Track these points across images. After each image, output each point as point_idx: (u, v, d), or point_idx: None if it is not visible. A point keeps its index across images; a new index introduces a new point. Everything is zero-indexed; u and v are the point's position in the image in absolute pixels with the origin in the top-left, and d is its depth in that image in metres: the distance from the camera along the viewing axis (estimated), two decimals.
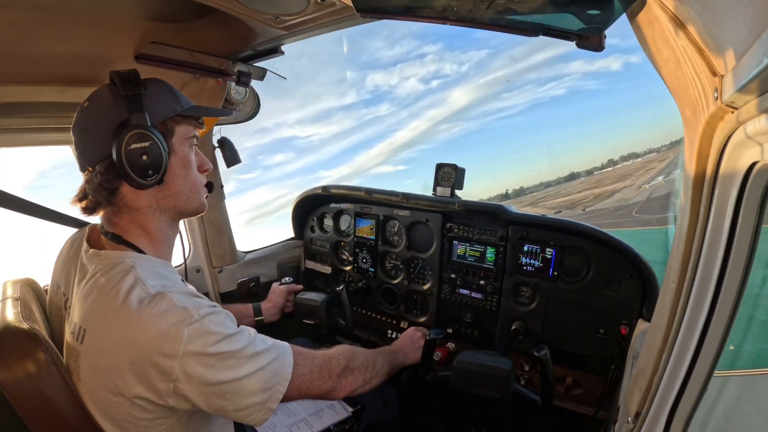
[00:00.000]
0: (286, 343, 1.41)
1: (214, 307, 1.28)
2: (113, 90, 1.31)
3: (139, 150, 1.28)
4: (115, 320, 1.17)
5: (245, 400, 1.25)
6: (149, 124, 1.32)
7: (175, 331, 1.14)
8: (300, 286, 2.62)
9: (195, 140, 1.52)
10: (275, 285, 2.62)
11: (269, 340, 1.37)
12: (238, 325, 1.31)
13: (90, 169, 1.32)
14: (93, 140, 1.31)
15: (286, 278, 2.65)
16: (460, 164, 2.60)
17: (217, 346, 1.19)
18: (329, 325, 2.45)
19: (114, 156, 1.27)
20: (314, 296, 2.45)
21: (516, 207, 2.52)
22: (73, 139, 1.35)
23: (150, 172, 1.32)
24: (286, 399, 1.34)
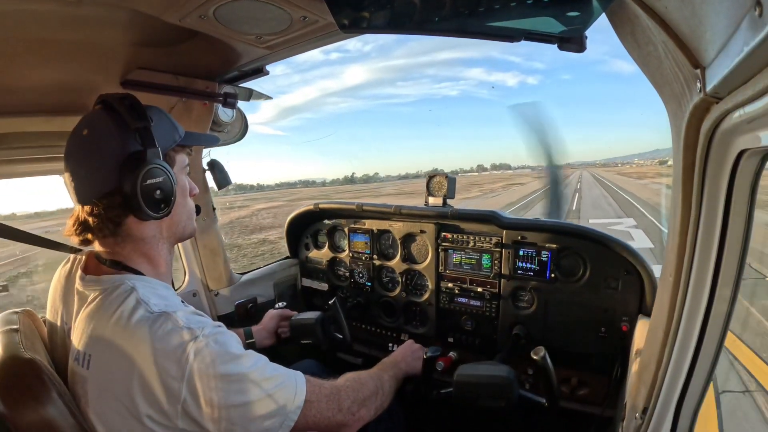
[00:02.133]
0: (299, 372, 1.39)
1: (219, 326, 1.26)
2: (117, 119, 1.27)
3: (154, 186, 1.28)
4: (120, 342, 1.16)
5: (255, 426, 1.22)
6: (162, 159, 1.31)
7: (180, 352, 1.13)
8: (294, 312, 2.56)
9: (188, 168, 1.53)
10: (270, 310, 2.58)
11: (280, 367, 1.34)
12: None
13: (95, 202, 1.27)
14: (98, 173, 1.27)
15: (280, 303, 2.62)
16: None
17: (224, 368, 1.17)
18: (327, 341, 2.43)
19: (127, 191, 1.24)
20: (309, 315, 2.42)
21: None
22: (68, 169, 1.30)
23: (162, 206, 1.32)
24: (296, 428, 1.30)
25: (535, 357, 1.73)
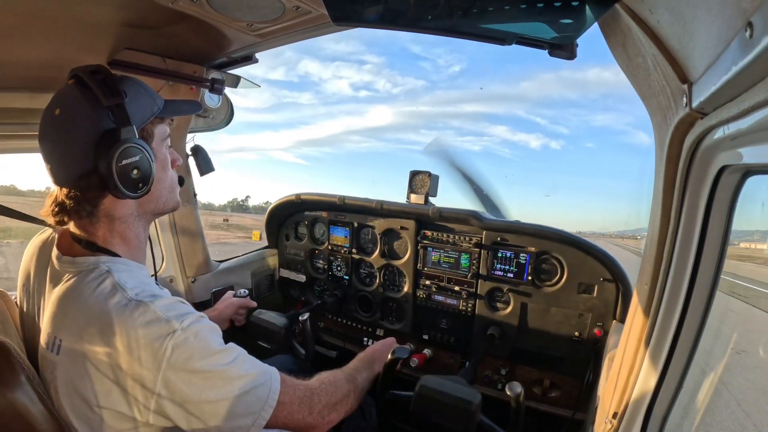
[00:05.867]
0: (274, 368, 1.36)
1: (201, 317, 1.23)
2: (88, 96, 1.22)
3: (130, 165, 1.24)
4: (94, 330, 1.12)
5: (227, 423, 1.20)
6: (137, 137, 1.27)
7: (158, 345, 1.10)
8: (254, 303, 2.52)
9: (170, 139, 1.48)
10: (228, 293, 2.54)
11: (257, 363, 1.32)
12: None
13: (72, 184, 1.24)
14: (72, 154, 1.23)
15: (242, 291, 2.57)
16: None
17: (201, 363, 1.15)
18: (287, 352, 2.42)
19: (102, 171, 1.21)
20: (274, 318, 2.37)
21: None
22: (43, 150, 1.26)
23: (140, 185, 1.28)
24: (266, 426, 1.28)
25: (509, 393, 1.63)
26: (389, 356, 1.86)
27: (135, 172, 1.26)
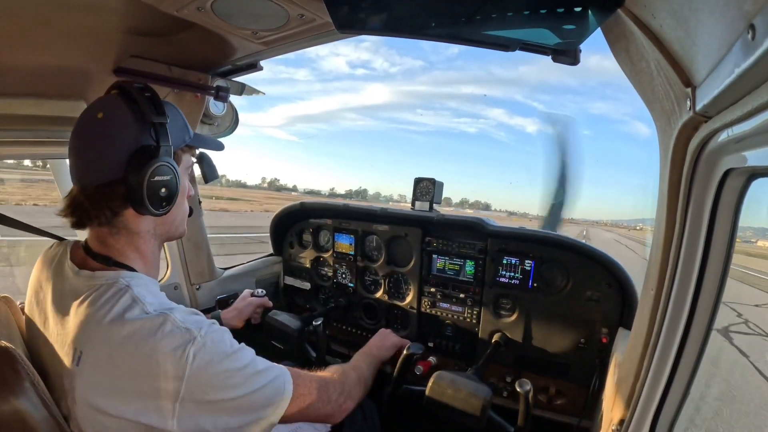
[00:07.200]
0: (283, 366, 1.40)
1: (213, 323, 1.27)
2: (134, 109, 1.26)
3: (160, 183, 1.28)
4: (115, 342, 1.14)
5: (250, 416, 1.24)
6: (172, 157, 1.32)
7: (180, 353, 1.13)
8: (271, 303, 2.58)
9: (191, 169, 1.55)
10: (246, 292, 2.59)
11: (269, 362, 1.35)
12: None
13: (97, 188, 1.26)
14: (105, 160, 1.25)
15: (260, 290, 2.61)
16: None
17: (221, 365, 1.19)
18: (300, 354, 2.43)
19: (132, 183, 1.24)
20: (288, 320, 2.41)
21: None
22: (75, 147, 1.28)
23: (164, 204, 1.32)
24: (286, 419, 1.33)
25: (519, 390, 1.72)
26: (405, 351, 1.90)
27: (163, 190, 1.30)
